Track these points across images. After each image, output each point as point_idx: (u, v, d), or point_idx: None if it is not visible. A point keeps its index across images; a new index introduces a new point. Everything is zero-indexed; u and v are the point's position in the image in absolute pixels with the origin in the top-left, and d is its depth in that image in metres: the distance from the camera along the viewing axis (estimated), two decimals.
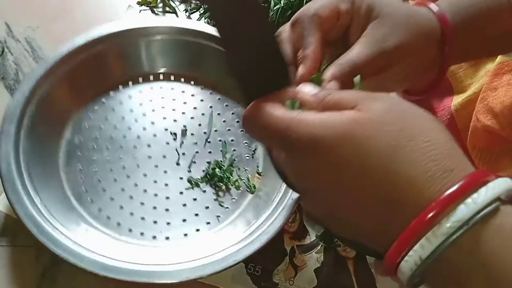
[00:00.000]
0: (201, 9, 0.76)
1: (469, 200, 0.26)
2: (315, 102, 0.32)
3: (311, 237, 0.58)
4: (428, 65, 0.43)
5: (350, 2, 0.41)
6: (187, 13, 0.76)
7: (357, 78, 0.37)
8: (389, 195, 0.28)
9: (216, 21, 0.34)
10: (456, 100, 0.61)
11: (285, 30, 0.42)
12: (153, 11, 0.77)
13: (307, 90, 0.34)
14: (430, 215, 0.26)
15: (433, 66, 0.43)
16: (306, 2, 0.70)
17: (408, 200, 0.27)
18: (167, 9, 0.77)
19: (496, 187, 0.27)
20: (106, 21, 0.69)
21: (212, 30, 0.65)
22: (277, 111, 0.32)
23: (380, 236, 0.29)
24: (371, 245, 0.31)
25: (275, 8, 0.71)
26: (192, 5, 0.77)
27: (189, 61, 0.67)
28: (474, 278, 0.27)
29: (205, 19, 0.74)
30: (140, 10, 0.76)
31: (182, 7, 0.77)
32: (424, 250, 0.26)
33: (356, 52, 0.39)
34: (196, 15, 0.76)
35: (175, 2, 0.78)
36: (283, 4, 0.71)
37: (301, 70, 0.39)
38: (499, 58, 0.55)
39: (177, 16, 0.76)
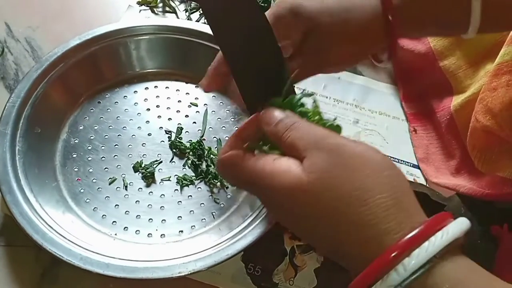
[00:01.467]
0: (201, 9, 0.76)
1: (399, 266, 0.28)
2: (275, 137, 0.36)
3: None
4: (373, 40, 0.44)
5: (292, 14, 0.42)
6: (187, 13, 0.77)
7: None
8: (336, 249, 0.32)
9: (209, 18, 0.34)
10: (456, 100, 0.61)
11: None
12: (153, 11, 0.77)
13: (268, 120, 0.37)
14: (367, 278, 0.29)
15: (382, 38, 0.44)
16: None
17: (350, 257, 0.31)
18: (167, 9, 0.78)
19: (430, 246, 0.27)
20: (106, 21, 0.70)
21: (205, 28, 0.65)
22: (240, 163, 0.36)
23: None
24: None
25: None
26: (192, 5, 0.77)
27: (183, 59, 0.67)
28: None
29: (205, 18, 0.74)
30: (140, 10, 0.77)
31: (182, 7, 0.78)
32: None
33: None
34: (196, 15, 0.77)
35: (175, 2, 0.78)
36: None
37: None
38: (498, 58, 0.55)
39: (177, 16, 0.77)
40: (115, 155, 0.61)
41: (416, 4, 0.43)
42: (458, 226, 0.29)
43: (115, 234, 0.55)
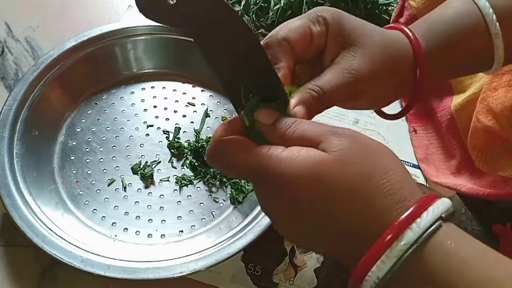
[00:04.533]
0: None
1: (413, 225, 0.30)
2: (277, 135, 0.35)
3: None
4: (397, 88, 0.43)
5: (324, 24, 0.40)
6: None
7: None
8: (355, 227, 0.32)
9: (195, 38, 0.34)
10: (456, 100, 0.61)
11: None
12: None
13: (265, 118, 0.36)
14: (386, 240, 0.30)
15: (405, 88, 0.43)
16: (306, 3, 0.69)
17: (370, 228, 0.31)
18: None
19: (435, 209, 0.31)
20: (106, 21, 0.70)
21: None
22: (247, 149, 0.34)
23: (350, 258, 0.33)
24: (344, 262, 0.35)
25: (275, 8, 0.71)
26: None
27: (180, 59, 0.67)
28: None
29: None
30: None
31: None
32: (380, 270, 0.30)
33: (326, 79, 0.39)
34: None
35: None
36: (283, 4, 0.70)
37: None
38: None
39: None
40: (113, 156, 0.61)
41: (444, 57, 0.42)
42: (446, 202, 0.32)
43: (115, 235, 0.55)
